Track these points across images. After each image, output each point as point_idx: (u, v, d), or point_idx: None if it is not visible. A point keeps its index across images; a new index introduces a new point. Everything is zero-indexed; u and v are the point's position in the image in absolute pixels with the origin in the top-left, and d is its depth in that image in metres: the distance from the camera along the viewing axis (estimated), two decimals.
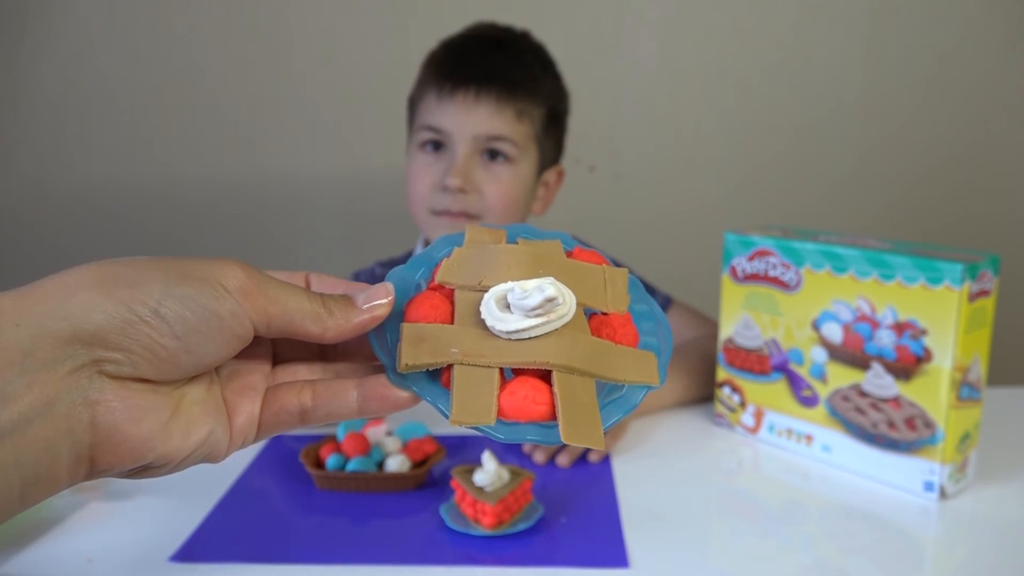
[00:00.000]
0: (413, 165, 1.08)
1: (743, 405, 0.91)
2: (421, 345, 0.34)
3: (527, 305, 0.34)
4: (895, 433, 0.78)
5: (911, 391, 0.77)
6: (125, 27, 1.65)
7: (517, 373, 0.35)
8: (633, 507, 0.75)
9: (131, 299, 0.30)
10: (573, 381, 0.34)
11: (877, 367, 0.79)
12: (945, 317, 0.74)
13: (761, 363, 0.89)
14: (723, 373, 0.93)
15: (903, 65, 1.68)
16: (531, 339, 0.34)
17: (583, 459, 0.84)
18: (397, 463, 0.77)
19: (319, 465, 0.79)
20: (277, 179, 1.71)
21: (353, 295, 0.35)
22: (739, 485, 0.83)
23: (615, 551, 0.67)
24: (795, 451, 0.87)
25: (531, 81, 1.06)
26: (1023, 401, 1.03)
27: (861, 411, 0.81)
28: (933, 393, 0.76)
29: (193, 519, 0.72)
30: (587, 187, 1.70)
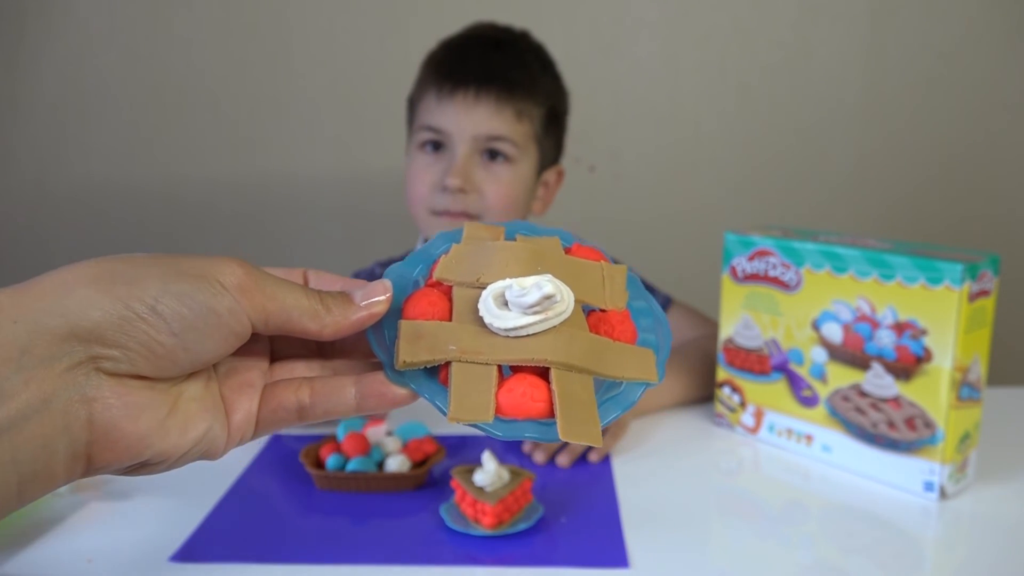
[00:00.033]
0: (413, 165, 1.08)
1: (743, 405, 0.91)
2: (419, 342, 0.34)
3: (525, 302, 0.34)
4: (895, 433, 0.78)
5: (911, 391, 0.77)
6: (125, 27, 1.65)
7: (515, 370, 0.35)
8: (633, 507, 0.75)
9: (128, 296, 0.30)
10: (571, 378, 0.34)
11: (877, 367, 0.79)
12: (945, 317, 0.74)
13: (761, 363, 0.89)
14: (723, 373, 0.93)
15: (903, 65, 1.68)
16: (529, 336, 0.34)
17: (583, 459, 0.84)
18: (397, 463, 0.77)
19: (319, 465, 0.79)
20: (277, 179, 1.71)
21: (351, 292, 0.35)
22: (739, 485, 0.83)
23: (615, 551, 0.67)
24: (795, 451, 0.87)
25: (530, 81, 1.06)
26: (1023, 401, 1.03)
27: (861, 411, 0.81)
28: (933, 393, 0.76)
29: (193, 519, 0.72)
30: (587, 187, 1.70)
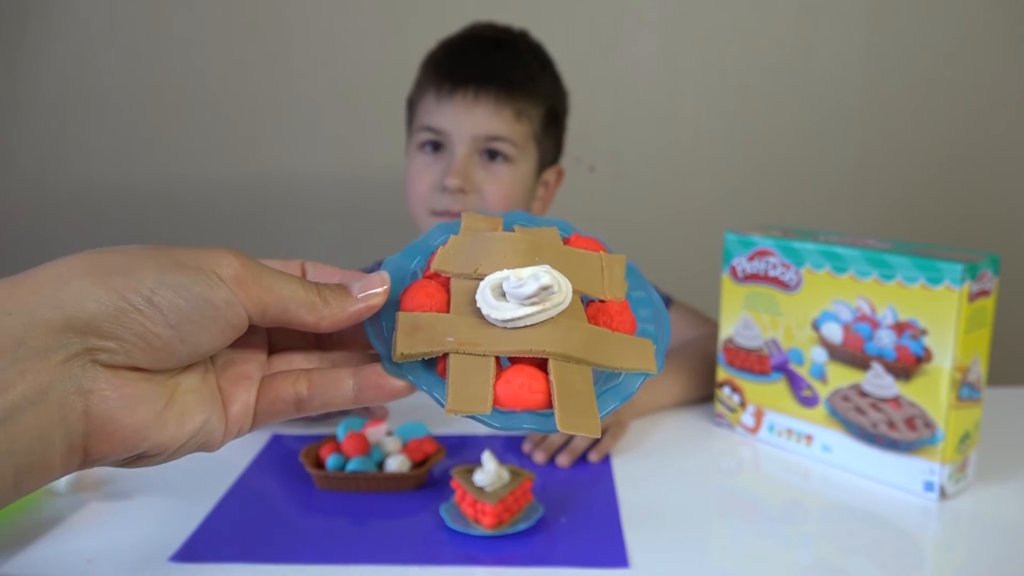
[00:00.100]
0: (412, 166, 1.08)
1: (743, 405, 0.91)
2: (416, 334, 0.34)
3: (522, 293, 0.33)
4: (895, 433, 0.78)
5: (911, 391, 0.77)
6: (125, 27, 1.65)
7: (513, 362, 0.35)
8: (633, 507, 0.75)
9: (125, 287, 0.30)
10: (569, 369, 0.34)
11: (877, 367, 0.79)
12: (945, 317, 0.74)
13: (761, 363, 0.89)
14: (723, 373, 0.93)
15: (903, 65, 1.68)
16: (527, 327, 0.34)
17: (583, 459, 0.84)
18: (397, 463, 0.77)
19: (319, 465, 0.78)
20: (277, 179, 1.71)
21: (349, 284, 0.35)
22: (739, 485, 0.83)
23: (615, 551, 0.67)
24: (795, 451, 0.87)
25: (530, 81, 1.06)
26: (1023, 401, 1.03)
27: (861, 411, 0.81)
28: (933, 393, 0.76)
29: (193, 519, 0.72)
30: (587, 187, 1.70)
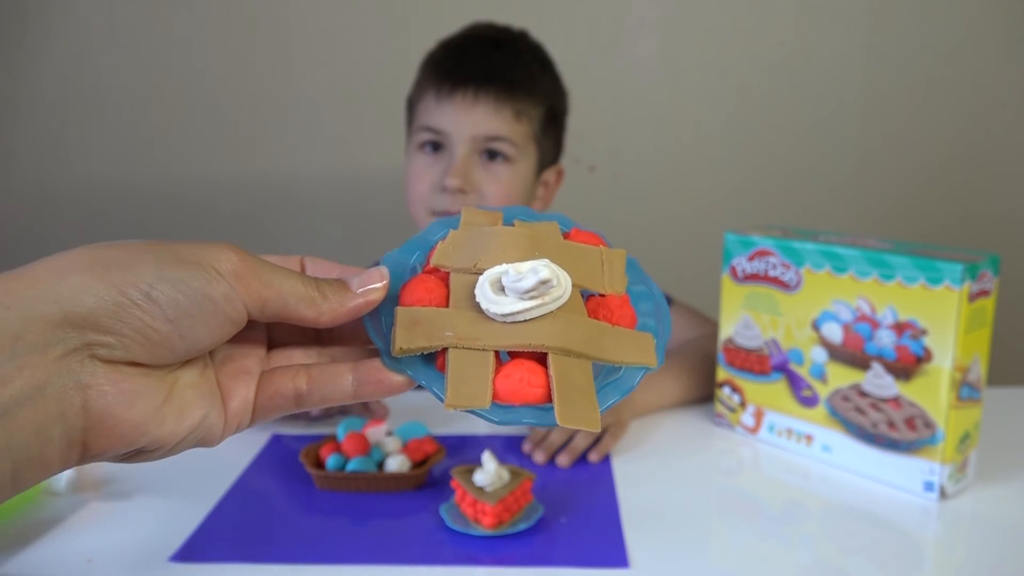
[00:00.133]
0: (412, 166, 1.08)
1: (743, 405, 0.91)
2: (415, 329, 0.34)
3: (521, 287, 0.33)
4: (895, 433, 0.78)
5: (911, 391, 0.77)
6: (125, 27, 1.65)
7: (513, 356, 0.34)
8: (633, 507, 0.75)
9: (123, 282, 0.30)
10: (569, 363, 0.34)
11: (877, 367, 0.79)
12: (945, 317, 0.74)
13: (761, 363, 0.89)
14: (723, 373, 0.93)
15: (903, 65, 1.68)
16: (526, 321, 0.34)
17: (583, 459, 0.84)
18: (397, 463, 0.77)
19: (319, 465, 0.78)
20: (277, 179, 1.71)
21: (348, 279, 0.35)
22: (739, 485, 0.83)
23: (615, 551, 0.67)
24: (795, 451, 0.87)
25: (529, 81, 1.06)
26: (1023, 401, 1.03)
27: (861, 411, 0.81)
28: (933, 393, 0.76)
29: (193, 519, 0.72)
30: (587, 187, 1.70)
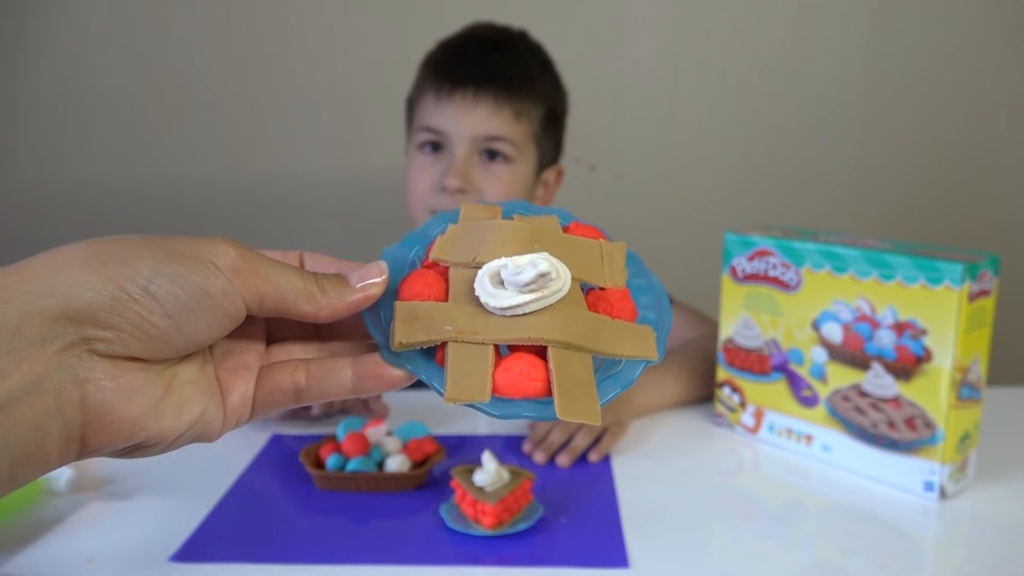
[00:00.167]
0: (412, 166, 1.08)
1: (743, 405, 0.91)
2: (415, 323, 0.34)
3: (520, 281, 0.33)
4: (895, 433, 0.78)
5: (911, 391, 0.77)
6: (125, 27, 1.65)
7: (513, 350, 0.34)
8: (633, 507, 0.75)
9: (121, 277, 0.29)
10: (569, 357, 0.34)
11: (877, 367, 0.79)
12: (945, 317, 0.74)
13: (761, 363, 0.89)
14: (723, 373, 0.93)
15: (903, 65, 1.68)
16: (526, 315, 0.34)
17: (583, 459, 0.84)
18: (397, 463, 0.77)
19: (319, 465, 0.79)
20: (277, 179, 1.71)
21: (347, 274, 0.35)
22: (739, 485, 0.83)
23: (615, 551, 0.67)
24: (795, 451, 0.87)
25: (529, 81, 1.06)
26: (1023, 401, 1.03)
27: (861, 411, 0.81)
28: (933, 393, 0.76)
29: (193, 519, 0.72)
30: (587, 187, 1.70)
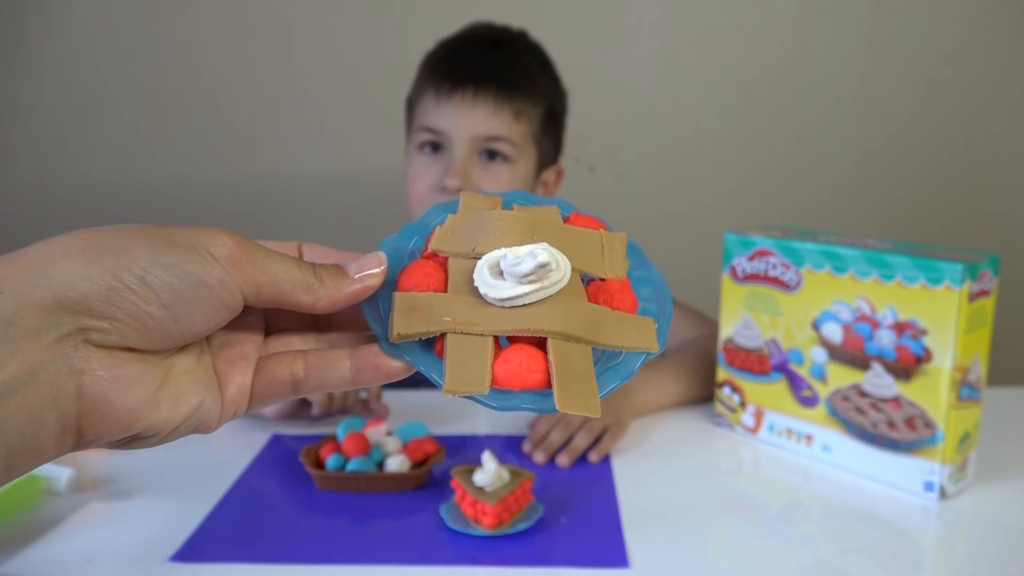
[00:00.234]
0: (412, 166, 1.08)
1: (743, 405, 0.91)
2: (413, 314, 0.34)
3: (519, 271, 0.33)
4: (895, 433, 0.78)
5: (911, 391, 0.77)
6: (125, 27, 1.65)
7: (512, 341, 0.34)
8: (633, 507, 0.75)
9: (116, 266, 0.29)
10: (569, 348, 0.33)
11: (877, 367, 0.79)
12: (945, 317, 0.74)
13: (761, 363, 0.89)
14: (723, 373, 0.93)
15: (903, 65, 1.68)
16: (525, 306, 0.33)
17: (583, 459, 0.84)
18: (397, 463, 0.77)
19: (319, 465, 0.79)
20: (277, 179, 1.71)
21: (345, 264, 0.35)
22: (739, 485, 0.83)
23: (615, 551, 0.67)
24: (795, 451, 0.87)
25: (528, 81, 1.06)
26: (1023, 401, 1.03)
27: (861, 411, 0.81)
28: (933, 393, 0.76)
29: (193, 519, 0.72)
30: (587, 187, 1.70)
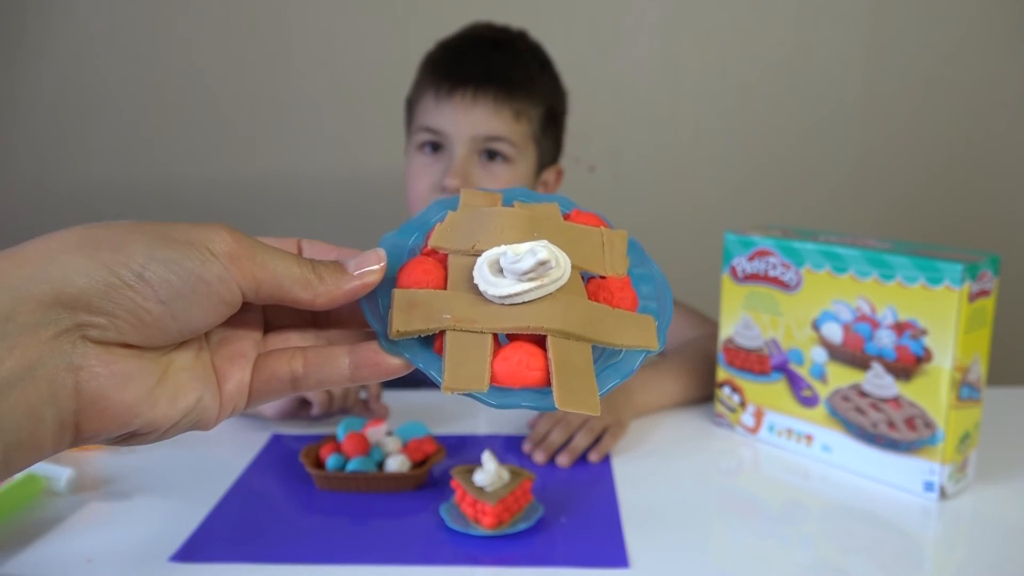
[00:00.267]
0: (412, 166, 1.08)
1: (743, 405, 0.91)
2: (413, 311, 0.33)
3: (519, 269, 0.33)
4: (895, 433, 0.78)
5: (911, 391, 0.77)
6: (125, 27, 1.65)
7: (512, 339, 0.34)
8: (633, 507, 0.75)
9: (114, 262, 0.29)
10: (568, 346, 0.33)
11: (877, 367, 0.79)
12: (945, 317, 0.74)
13: (761, 363, 0.89)
14: (723, 373, 0.93)
15: (903, 65, 1.68)
16: (525, 304, 0.33)
17: (583, 459, 0.84)
18: (397, 463, 0.77)
19: (319, 465, 0.79)
20: (277, 179, 1.71)
21: (344, 261, 0.35)
22: (739, 485, 0.83)
23: (615, 551, 0.67)
24: (795, 451, 0.87)
25: (528, 81, 1.06)
26: (1023, 401, 1.03)
27: (861, 411, 0.81)
28: (933, 393, 0.76)
29: (193, 519, 0.72)
30: (587, 187, 1.70)
